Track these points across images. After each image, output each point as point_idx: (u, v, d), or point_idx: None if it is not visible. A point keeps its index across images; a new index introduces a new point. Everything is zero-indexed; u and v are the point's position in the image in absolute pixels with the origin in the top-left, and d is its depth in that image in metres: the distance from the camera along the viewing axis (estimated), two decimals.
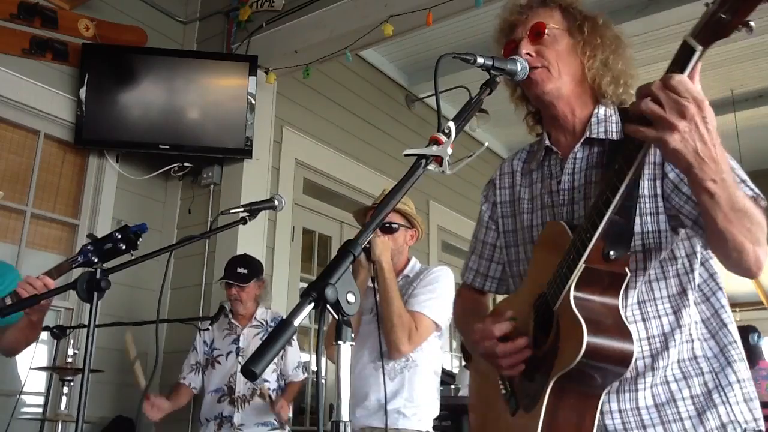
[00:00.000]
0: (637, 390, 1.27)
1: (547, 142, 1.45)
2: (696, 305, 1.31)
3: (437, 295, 2.34)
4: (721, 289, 1.33)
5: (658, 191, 1.29)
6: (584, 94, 1.42)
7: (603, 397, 1.22)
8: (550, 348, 1.24)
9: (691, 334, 1.30)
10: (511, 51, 1.42)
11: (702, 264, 1.33)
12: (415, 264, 2.49)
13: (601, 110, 1.40)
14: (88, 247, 2.00)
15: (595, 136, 1.37)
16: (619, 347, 1.17)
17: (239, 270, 3.36)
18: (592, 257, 1.19)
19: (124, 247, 1.97)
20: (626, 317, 1.24)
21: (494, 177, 1.61)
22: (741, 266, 1.16)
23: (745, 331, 4.66)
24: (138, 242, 1.99)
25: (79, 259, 2.03)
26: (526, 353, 1.29)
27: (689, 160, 1.05)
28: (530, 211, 1.47)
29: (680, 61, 1.08)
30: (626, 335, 1.19)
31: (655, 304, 1.30)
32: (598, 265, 1.20)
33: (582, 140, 1.38)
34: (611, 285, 1.22)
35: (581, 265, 1.19)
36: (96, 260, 2.02)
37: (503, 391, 1.37)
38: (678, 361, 1.28)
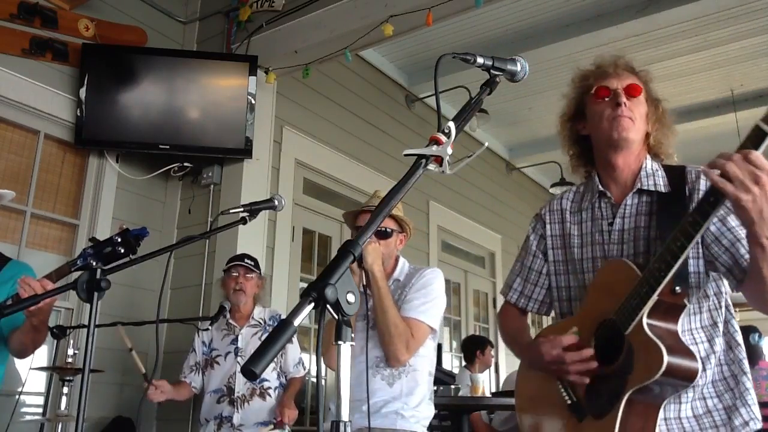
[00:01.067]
0: (680, 403, 1.52)
1: (600, 187, 1.70)
2: (723, 335, 1.58)
3: (431, 299, 2.33)
4: (734, 317, 1.60)
5: (700, 239, 1.53)
6: (640, 154, 1.69)
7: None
8: (621, 366, 1.45)
9: (720, 359, 1.56)
10: (603, 94, 1.67)
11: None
12: (403, 265, 2.47)
13: (648, 164, 1.68)
14: (88, 251, 1.99)
15: (646, 187, 1.64)
16: (688, 365, 1.42)
17: (247, 260, 3.41)
18: (663, 291, 1.42)
19: (122, 251, 1.96)
20: None
21: (542, 213, 1.85)
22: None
23: (746, 331, 4.66)
24: (138, 246, 1.98)
25: (78, 262, 2.02)
26: (592, 364, 1.51)
27: (753, 217, 1.30)
28: (580, 246, 1.72)
29: (753, 141, 1.30)
30: (692, 355, 1.44)
31: (692, 334, 1.55)
32: (666, 298, 1.45)
33: (635, 190, 1.65)
34: (673, 314, 1.48)
35: (655, 297, 1.42)
36: (95, 264, 2.01)
37: (569, 401, 1.56)
38: (712, 382, 1.55)
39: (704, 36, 5.38)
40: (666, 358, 1.37)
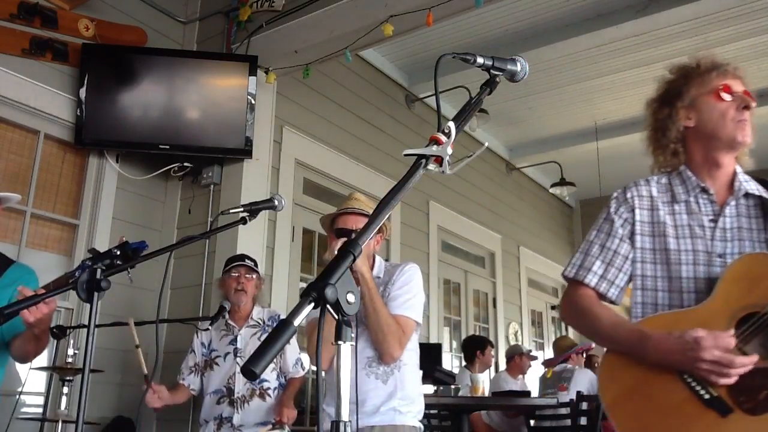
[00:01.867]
0: None
1: (701, 183, 1.71)
2: None
3: (413, 294, 2.38)
4: None
5: None
6: (734, 158, 1.75)
7: None
8: None
9: None
10: (727, 92, 1.71)
11: None
12: (380, 263, 2.50)
13: (739, 169, 1.74)
14: (87, 262, 2.00)
15: (752, 192, 1.70)
16: None
17: (248, 260, 3.42)
18: None
19: (120, 263, 1.98)
20: None
21: (629, 197, 1.78)
22: None
23: None
24: (136, 259, 2.00)
25: (77, 273, 2.03)
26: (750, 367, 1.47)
27: None
28: (675, 237, 1.70)
29: None
30: None
31: None
32: None
33: (743, 193, 1.69)
34: None
35: None
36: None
37: (706, 396, 1.49)
38: None
39: (704, 36, 5.39)
40: None
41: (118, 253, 1.95)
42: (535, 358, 6.01)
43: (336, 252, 2.34)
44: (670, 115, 1.76)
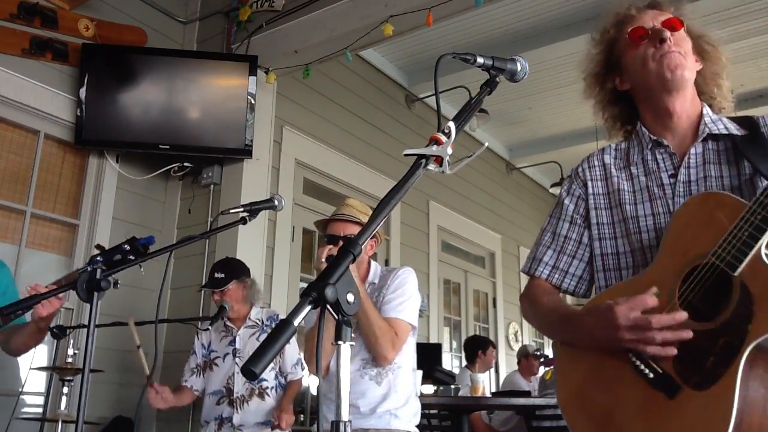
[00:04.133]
0: None
1: (653, 136, 1.49)
2: None
3: (407, 297, 2.40)
4: None
5: None
6: (695, 99, 1.49)
7: None
8: (733, 316, 1.17)
9: None
10: (640, 34, 1.48)
11: None
12: (376, 268, 2.52)
13: (708, 111, 1.48)
14: (98, 258, 2.01)
15: (717, 131, 1.42)
16: None
17: (216, 275, 3.33)
18: None
19: (133, 258, 1.99)
20: None
21: (579, 171, 1.59)
22: None
23: None
24: (146, 254, 2.01)
25: (88, 269, 2.04)
26: (686, 333, 1.21)
27: None
28: (633, 203, 1.47)
29: None
30: None
31: None
32: None
33: (704, 136, 1.43)
34: None
35: None
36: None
37: (650, 376, 1.24)
38: None
39: None
40: None
41: (128, 248, 1.96)
42: (539, 357, 5.93)
43: (323, 259, 2.36)
44: (595, 88, 1.60)
